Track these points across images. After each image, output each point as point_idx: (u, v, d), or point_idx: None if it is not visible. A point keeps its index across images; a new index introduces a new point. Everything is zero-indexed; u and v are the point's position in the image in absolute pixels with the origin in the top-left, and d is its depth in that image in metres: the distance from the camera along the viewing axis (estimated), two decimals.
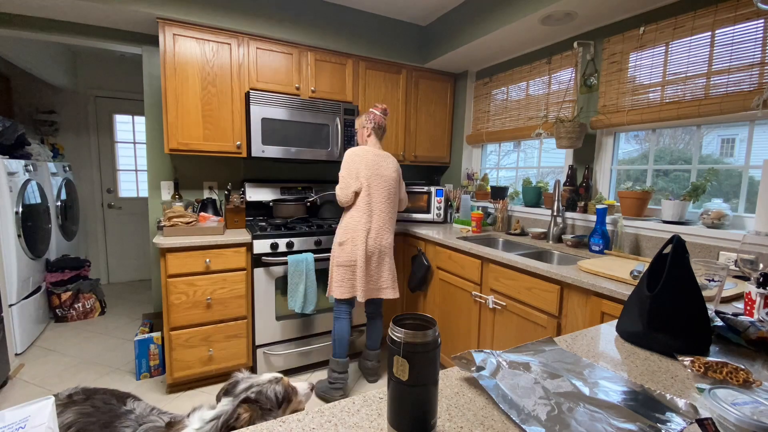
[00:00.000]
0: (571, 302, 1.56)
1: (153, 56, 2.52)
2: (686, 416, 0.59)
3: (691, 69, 1.72)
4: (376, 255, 2.13)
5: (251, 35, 2.41)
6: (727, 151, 1.76)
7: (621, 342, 0.90)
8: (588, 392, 0.65)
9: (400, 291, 2.80)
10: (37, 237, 2.97)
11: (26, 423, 0.53)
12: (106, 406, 0.97)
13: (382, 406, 0.63)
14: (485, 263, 2.01)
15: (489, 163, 3.15)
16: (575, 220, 2.22)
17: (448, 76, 3.18)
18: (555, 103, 2.40)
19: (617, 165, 2.16)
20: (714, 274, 0.96)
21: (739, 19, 1.56)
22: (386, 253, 2.17)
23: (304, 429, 0.57)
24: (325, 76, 2.68)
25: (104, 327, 3.16)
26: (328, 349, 2.52)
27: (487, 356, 0.75)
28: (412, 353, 0.52)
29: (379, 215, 2.13)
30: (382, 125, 2.22)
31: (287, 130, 2.47)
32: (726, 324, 0.90)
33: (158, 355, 2.35)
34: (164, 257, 2.05)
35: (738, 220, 1.63)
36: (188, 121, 2.29)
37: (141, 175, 4.36)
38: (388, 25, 2.86)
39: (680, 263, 0.85)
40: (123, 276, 4.38)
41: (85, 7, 2.11)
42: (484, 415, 0.61)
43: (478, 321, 2.07)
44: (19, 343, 2.61)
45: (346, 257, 2.10)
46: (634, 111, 1.93)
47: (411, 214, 3.00)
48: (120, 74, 4.10)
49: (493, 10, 2.30)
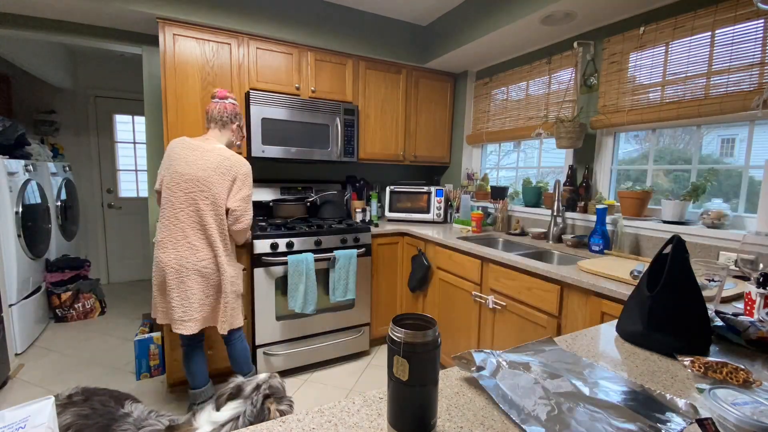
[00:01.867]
0: (571, 302, 1.56)
1: (153, 56, 2.52)
2: (686, 416, 0.59)
3: (691, 69, 1.72)
4: (174, 274, 1.67)
5: (251, 35, 2.41)
6: (727, 151, 1.76)
7: (621, 342, 0.90)
8: (588, 392, 0.65)
9: (400, 291, 2.80)
10: (37, 237, 2.97)
11: (26, 423, 0.53)
12: (104, 408, 0.97)
13: (382, 406, 0.63)
14: (485, 263, 2.01)
15: (489, 163, 3.15)
16: (575, 220, 2.22)
17: (448, 76, 3.18)
18: (555, 103, 2.39)
19: (617, 165, 2.16)
20: (714, 274, 0.96)
21: (739, 19, 1.56)
22: (192, 273, 1.68)
23: (304, 429, 0.57)
24: (325, 76, 2.68)
25: (104, 327, 3.16)
26: (328, 349, 2.52)
27: (487, 356, 0.75)
28: (412, 353, 0.52)
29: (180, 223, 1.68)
30: (207, 111, 1.83)
31: (287, 130, 2.47)
32: (726, 324, 0.90)
33: (158, 355, 2.35)
34: None
35: (738, 220, 1.63)
36: (188, 121, 2.29)
37: (141, 175, 4.36)
38: (388, 25, 2.86)
39: (680, 263, 0.85)
40: (123, 276, 4.37)
41: (85, 7, 2.11)
42: (484, 415, 0.61)
43: (478, 321, 2.07)
44: (19, 343, 2.61)
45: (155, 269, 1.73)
46: (634, 111, 1.93)
47: (411, 214, 3.00)
48: (120, 74, 4.10)
49: (493, 10, 2.29)
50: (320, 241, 2.40)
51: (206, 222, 1.69)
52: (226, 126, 1.85)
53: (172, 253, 1.67)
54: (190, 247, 1.68)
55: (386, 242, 2.71)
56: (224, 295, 1.75)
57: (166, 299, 1.72)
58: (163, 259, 1.67)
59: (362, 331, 2.65)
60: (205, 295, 1.72)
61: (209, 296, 1.74)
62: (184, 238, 1.68)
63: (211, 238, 1.70)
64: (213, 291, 1.74)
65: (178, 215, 1.68)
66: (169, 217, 1.69)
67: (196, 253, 1.68)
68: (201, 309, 1.72)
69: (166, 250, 1.68)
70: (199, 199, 1.68)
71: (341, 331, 2.57)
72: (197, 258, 1.69)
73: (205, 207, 1.69)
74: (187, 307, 1.69)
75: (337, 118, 2.64)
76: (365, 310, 2.64)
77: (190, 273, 1.68)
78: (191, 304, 1.69)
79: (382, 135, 2.95)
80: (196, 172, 1.68)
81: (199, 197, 1.68)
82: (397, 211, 3.02)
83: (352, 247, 2.50)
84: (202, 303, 1.72)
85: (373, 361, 2.65)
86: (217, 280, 1.74)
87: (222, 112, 1.82)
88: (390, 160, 3.02)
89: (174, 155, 1.72)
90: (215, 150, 1.75)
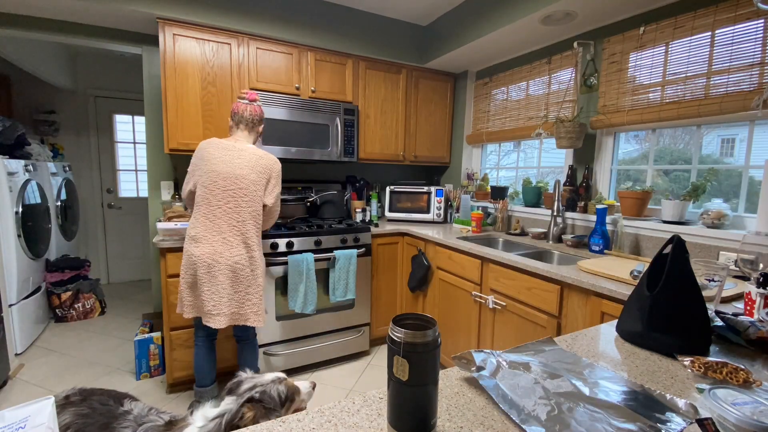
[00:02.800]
0: (571, 302, 1.56)
1: (153, 56, 2.52)
2: (686, 416, 0.59)
3: (691, 69, 1.72)
4: (206, 269, 1.73)
5: (251, 35, 2.41)
6: (727, 151, 1.76)
7: (621, 342, 0.90)
8: (588, 392, 0.65)
9: (400, 291, 2.81)
10: (37, 237, 2.97)
11: (26, 423, 0.53)
12: (103, 407, 0.97)
13: (382, 406, 0.63)
14: (485, 263, 2.01)
15: (489, 163, 3.15)
16: (575, 220, 2.22)
17: (448, 76, 3.18)
18: (555, 103, 2.39)
19: (617, 165, 2.16)
20: (714, 274, 0.96)
21: (739, 19, 1.56)
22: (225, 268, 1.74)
23: (304, 429, 0.57)
24: (325, 76, 2.68)
25: (104, 327, 3.16)
26: (328, 349, 2.52)
27: (487, 356, 0.75)
28: (412, 353, 0.52)
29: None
30: (238, 112, 1.87)
31: (287, 130, 2.47)
32: (726, 324, 0.90)
33: (158, 355, 2.35)
34: (164, 257, 2.05)
35: (738, 220, 1.63)
36: (188, 121, 2.29)
37: (141, 175, 4.36)
38: (388, 25, 2.86)
39: (680, 263, 0.85)
40: (123, 276, 4.37)
41: (85, 7, 2.10)
42: (484, 415, 0.61)
43: (478, 321, 2.07)
44: (19, 343, 2.61)
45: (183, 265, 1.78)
46: (634, 111, 1.93)
47: (411, 214, 3.00)
48: (120, 74, 4.10)
49: (493, 10, 2.29)
50: (320, 241, 2.40)
51: (243, 218, 1.77)
52: (254, 128, 1.92)
53: (207, 248, 1.73)
54: (224, 243, 1.74)
55: (386, 242, 2.71)
56: (257, 288, 1.83)
57: (195, 293, 1.77)
58: (196, 254, 1.72)
59: (362, 331, 2.65)
60: (234, 290, 1.78)
61: (238, 292, 1.79)
62: (220, 234, 1.74)
63: (246, 234, 1.78)
64: (242, 287, 1.79)
65: (215, 212, 1.74)
66: (206, 213, 1.75)
67: (230, 248, 1.75)
68: (230, 304, 1.77)
69: (200, 245, 1.73)
70: (238, 196, 1.76)
71: (341, 331, 2.57)
72: (231, 254, 1.74)
73: (244, 204, 1.77)
74: (217, 301, 1.74)
75: (337, 118, 2.64)
76: (365, 310, 2.64)
77: (222, 268, 1.73)
78: (221, 298, 1.74)
79: (382, 135, 2.95)
80: (234, 171, 1.75)
81: (238, 194, 1.76)
82: (397, 211, 3.02)
83: (352, 247, 2.50)
84: (231, 298, 1.77)
85: (373, 361, 2.65)
86: (247, 275, 1.80)
87: (254, 115, 1.89)
88: (390, 160, 3.02)
89: (208, 156, 1.77)
90: (249, 149, 1.82)
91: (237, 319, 1.80)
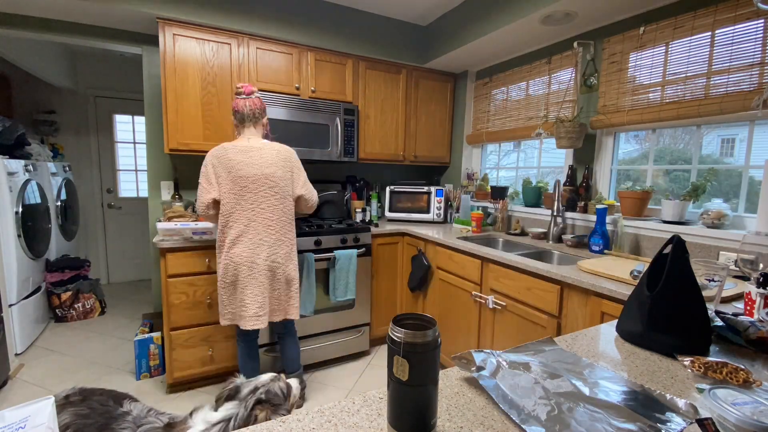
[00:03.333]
0: (571, 302, 1.56)
1: (153, 56, 2.52)
2: (686, 416, 0.59)
3: (691, 69, 1.72)
4: (247, 271, 1.77)
5: (251, 35, 2.41)
6: (727, 151, 1.76)
7: (621, 342, 0.90)
8: (588, 392, 0.65)
9: (400, 291, 2.81)
10: (37, 237, 2.96)
11: (26, 423, 0.53)
12: (102, 408, 0.97)
13: (382, 406, 0.63)
14: (485, 263, 2.01)
15: (489, 163, 3.15)
16: (575, 220, 2.22)
17: (448, 76, 3.18)
18: (555, 103, 2.39)
19: (617, 165, 2.16)
20: (714, 274, 0.96)
21: (739, 19, 1.56)
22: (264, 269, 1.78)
23: (304, 429, 0.57)
24: (325, 76, 2.68)
25: (104, 327, 3.16)
26: (328, 349, 2.52)
27: (487, 356, 0.75)
28: (412, 353, 0.52)
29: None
30: (238, 110, 1.82)
31: (287, 130, 2.47)
32: (726, 324, 0.90)
33: (158, 355, 2.35)
34: (164, 257, 2.05)
35: (738, 220, 1.63)
36: (188, 121, 2.29)
37: (141, 175, 4.36)
38: (388, 25, 2.86)
39: (680, 263, 0.85)
40: (123, 276, 4.37)
41: (85, 7, 2.10)
42: (484, 415, 0.61)
43: (478, 321, 2.07)
44: (19, 343, 2.61)
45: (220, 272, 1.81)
46: (634, 111, 1.93)
47: (411, 214, 3.00)
48: (120, 74, 4.10)
49: (493, 10, 2.29)
50: (320, 241, 2.40)
51: (276, 215, 1.81)
52: (259, 121, 1.89)
53: (245, 251, 1.76)
54: (261, 244, 1.78)
55: (386, 242, 2.71)
56: (294, 281, 1.89)
57: (237, 297, 1.79)
58: (235, 258, 1.75)
59: (362, 331, 2.65)
60: (272, 288, 1.83)
61: (276, 290, 1.85)
62: (256, 235, 1.77)
63: (281, 231, 1.83)
64: (279, 284, 1.85)
65: (248, 215, 1.76)
66: (238, 219, 1.76)
67: (266, 249, 1.79)
68: (270, 302, 1.83)
69: (237, 248, 1.76)
70: (269, 195, 1.79)
71: (341, 331, 2.57)
72: (267, 254, 1.79)
73: (276, 202, 1.80)
74: (262, 302, 1.79)
75: (337, 118, 2.64)
76: (365, 310, 2.64)
77: (261, 269, 1.78)
78: (265, 298, 1.80)
79: (382, 135, 2.95)
80: (262, 170, 1.77)
81: (269, 193, 1.79)
82: (397, 211, 3.02)
83: (352, 247, 2.50)
84: (271, 297, 1.83)
85: (373, 361, 2.65)
86: (283, 273, 1.85)
87: (254, 108, 1.85)
88: (390, 160, 3.02)
89: (229, 163, 1.75)
90: (267, 146, 1.83)
91: (279, 314, 1.87)
